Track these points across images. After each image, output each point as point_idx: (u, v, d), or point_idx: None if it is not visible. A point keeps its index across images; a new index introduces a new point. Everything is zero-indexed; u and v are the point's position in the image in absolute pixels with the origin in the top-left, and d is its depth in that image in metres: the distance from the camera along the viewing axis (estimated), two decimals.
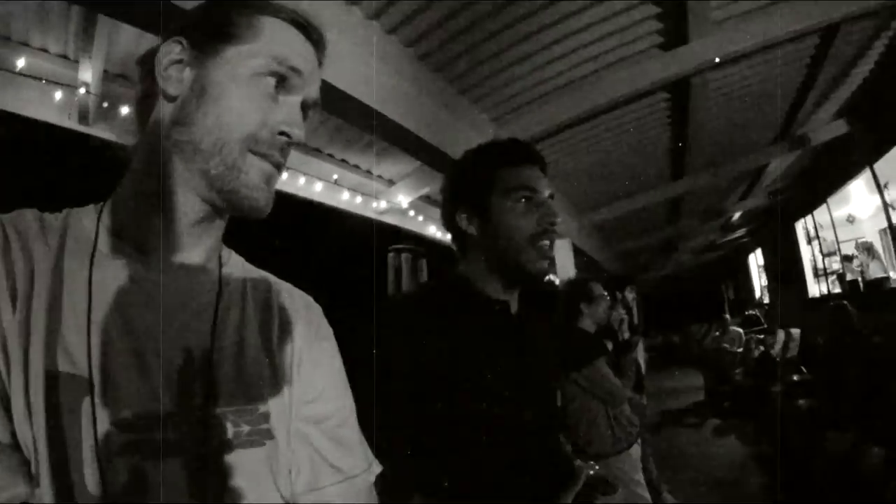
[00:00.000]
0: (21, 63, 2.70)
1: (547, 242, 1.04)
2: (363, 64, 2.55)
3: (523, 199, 1.05)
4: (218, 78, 0.58)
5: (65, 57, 2.88)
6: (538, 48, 3.01)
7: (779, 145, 5.68)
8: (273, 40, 0.60)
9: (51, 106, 2.90)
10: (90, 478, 0.48)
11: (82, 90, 2.84)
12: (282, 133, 0.59)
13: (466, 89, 3.29)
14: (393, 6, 2.55)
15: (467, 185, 1.10)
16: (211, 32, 0.60)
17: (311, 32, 0.64)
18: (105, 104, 3.03)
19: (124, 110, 3.06)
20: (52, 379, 0.49)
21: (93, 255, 0.55)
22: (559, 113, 3.47)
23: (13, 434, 0.47)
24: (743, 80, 4.01)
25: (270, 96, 0.59)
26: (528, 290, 1.15)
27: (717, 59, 3.10)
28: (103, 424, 0.49)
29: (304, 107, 0.64)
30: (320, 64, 0.66)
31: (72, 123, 3.02)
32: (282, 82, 0.60)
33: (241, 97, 0.58)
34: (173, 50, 0.59)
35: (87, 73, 2.78)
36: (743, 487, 4.11)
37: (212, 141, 0.57)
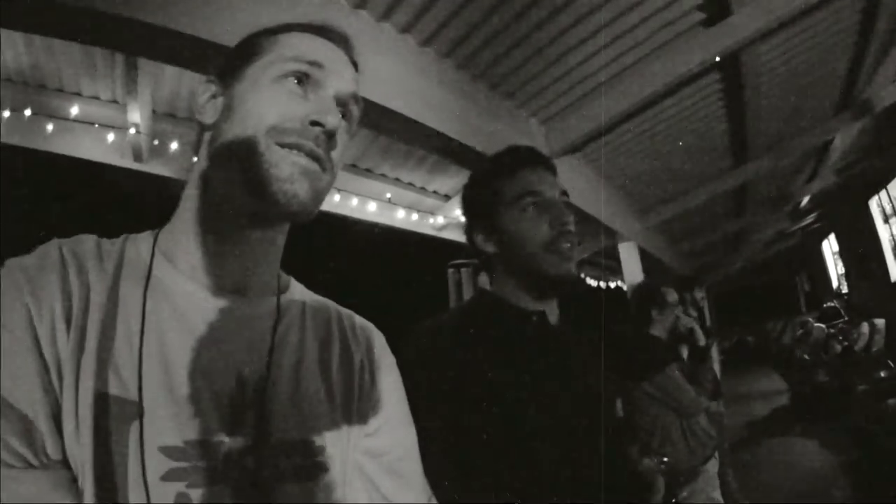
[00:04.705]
0: (75, 110, 2.87)
1: (566, 245, 0.99)
2: (403, 79, 2.51)
3: (531, 206, 1.00)
4: (242, 91, 0.60)
5: (115, 101, 3.03)
6: (576, 42, 2.88)
7: (842, 116, 5.18)
8: (289, 45, 0.60)
9: (105, 148, 3.05)
10: (134, 501, 0.48)
11: (132, 131, 2.96)
12: (314, 123, 0.57)
13: (510, 94, 3.20)
14: (422, 18, 2.51)
15: (475, 203, 1.09)
16: (236, 57, 0.63)
17: (329, 34, 0.63)
18: (156, 142, 3.16)
19: (174, 146, 3.19)
20: (102, 401, 0.49)
21: (147, 280, 0.55)
22: (608, 108, 3.31)
23: (64, 451, 0.47)
24: (794, 47, 3.70)
25: (296, 94, 0.58)
26: (567, 298, 1.10)
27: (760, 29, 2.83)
28: (151, 449, 0.49)
29: (342, 103, 0.62)
30: (353, 62, 0.65)
31: (126, 162, 3.16)
32: (306, 79, 0.59)
33: (263, 98, 0.59)
34: (207, 89, 0.63)
35: (136, 115, 2.90)
36: (829, 499, 3.77)
37: (239, 142, 0.57)
